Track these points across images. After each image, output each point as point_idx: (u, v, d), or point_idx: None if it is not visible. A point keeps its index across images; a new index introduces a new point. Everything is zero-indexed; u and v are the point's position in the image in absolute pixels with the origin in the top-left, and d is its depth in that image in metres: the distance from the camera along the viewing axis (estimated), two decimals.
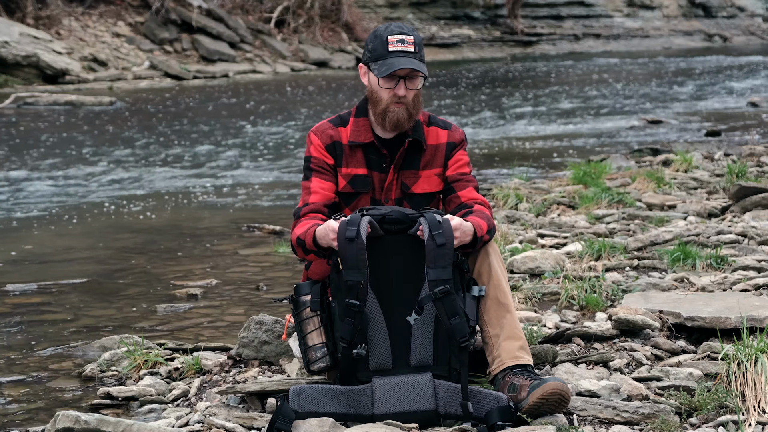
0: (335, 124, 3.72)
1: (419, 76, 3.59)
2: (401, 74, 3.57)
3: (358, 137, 3.67)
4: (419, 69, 3.55)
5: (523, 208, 7.59)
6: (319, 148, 3.67)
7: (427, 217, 3.39)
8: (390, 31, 3.59)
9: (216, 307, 5.68)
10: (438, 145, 3.71)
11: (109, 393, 3.92)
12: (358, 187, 3.67)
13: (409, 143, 3.66)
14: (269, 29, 30.37)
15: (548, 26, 39.00)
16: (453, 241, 3.36)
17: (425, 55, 3.65)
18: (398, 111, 3.59)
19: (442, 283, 3.34)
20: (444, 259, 3.34)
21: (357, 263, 3.35)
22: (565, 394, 3.32)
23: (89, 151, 13.50)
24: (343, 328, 3.39)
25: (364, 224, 3.38)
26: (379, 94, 3.61)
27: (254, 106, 19.56)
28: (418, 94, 3.63)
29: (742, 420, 3.24)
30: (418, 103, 3.63)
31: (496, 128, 15.56)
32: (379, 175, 3.68)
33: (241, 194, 10.15)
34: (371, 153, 3.68)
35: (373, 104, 3.64)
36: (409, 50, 3.56)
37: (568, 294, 4.79)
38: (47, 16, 26.38)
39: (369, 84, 3.64)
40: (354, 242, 3.34)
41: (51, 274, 6.57)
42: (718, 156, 10.39)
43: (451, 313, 3.35)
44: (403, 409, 3.36)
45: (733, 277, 5.06)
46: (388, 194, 3.68)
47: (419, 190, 3.69)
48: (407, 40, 3.57)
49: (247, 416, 3.47)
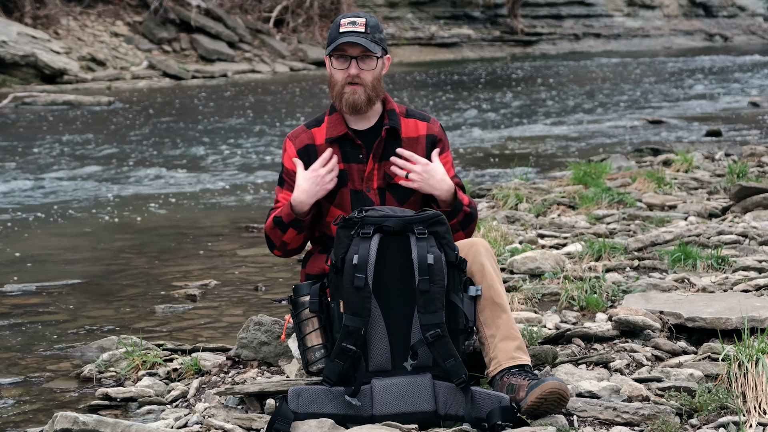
0: (309, 127, 3.75)
1: (372, 56, 3.61)
2: (353, 54, 3.60)
3: (332, 132, 3.69)
4: (367, 46, 3.56)
5: (523, 208, 7.57)
6: (292, 156, 3.69)
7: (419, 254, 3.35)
8: (344, 15, 3.65)
9: (215, 307, 5.66)
10: (418, 137, 3.72)
11: (108, 394, 3.91)
12: (337, 182, 3.66)
13: (387, 132, 3.67)
14: (268, 29, 30.37)
15: (548, 26, 39.00)
16: (444, 285, 3.35)
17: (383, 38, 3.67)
18: (353, 91, 3.61)
19: (433, 328, 3.33)
20: (434, 304, 3.34)
21: (361, 311, 3.35)
22: (564, 394, 3.31)
23: (87, 151, 13.49)
24: (330, 368, 3.37)
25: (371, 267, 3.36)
26: (334, 77, 3.64)
27: (253, 106, 19.55)
28: (377, 76, 3.64)
29: (743, 421, 3.23)
30: (377, 87, 3.65)
31: (496, 128, 15.55)
32: (357, 166, 3.68)
33: (240, 194, 10.13)
34: (346, 146, 3.69)
35: (331, 88, 3.67)
36: (359, 30, 3.59)
37: (568, 294, 4.78)
38: (45, 15, 26.38)
39: (328, 70, 3.68)
40: (361, 292, 3.34)
41: (49, 275, 6.55)
42: (718, 156, 10.37)
43: (445, 356, 3.34)
44: (402, 410, 3.35)
45: (734, 277, 5.05)
46: (369, 183, 3.68)
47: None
48: (358, 21, 3.61)
49: (246, 417, 3.46)
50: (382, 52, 3.66)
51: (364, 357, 3.41)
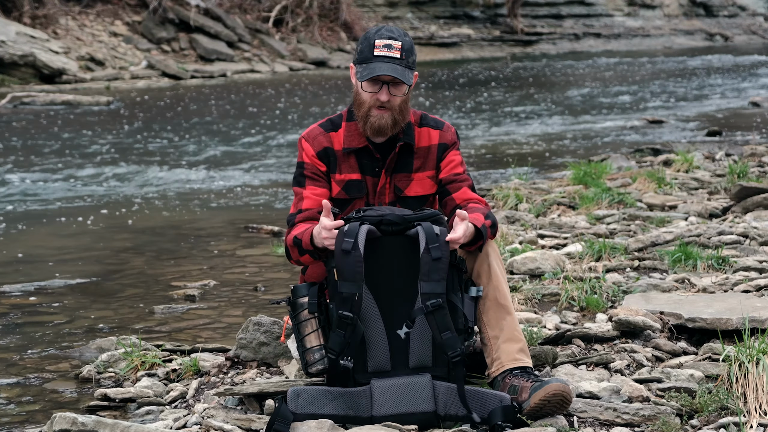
0: (326, 129, 3.69)
1: (404, 84, 3.55)
2: (385, 80, 3.54)
3: (351, 143, 3.64)
4: (401, 77, 3.50)
5: (523, 208, 7.56)
6: (312, 156, 3.65)
7: (425, 226, 3.36)
8: (379, 35, 3.56)
9: (214, 308, 5.65)
10: (430, 147, 3.68)
11: (107, 395, 3.89)
12: (352, 193, 3.65)
13: (400, 147, 3.64)
14: (267, 28, 30.36)
15: (548, 25, 39.00)
16: (448, 255, 3.34)
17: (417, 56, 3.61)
18: (380, 116, 3.55)
19: (434, 297, 3.32)
20: (438, 273, 3.33)
21: (353, 276, 3.33)
22: (567, 396, 3.30)
23: (86, 151, 13.47)
24: (333, 339, 3.37)
25: (362, 234, 3.35)
26: (362, 97, 3.58)
27: (252, 105, 19.53)
28: (405, 100, 3.59)
29: (743, 422, 3.22)
30: (405, 110, 3.60)
31: (496, 128, 15.54)
32: (372, 179, 3.66)
33: (239, 195, 10.12)
34: (364, 158, 3.66)
35: (357, 106, 3.62)
36: (395, 56, 3.52)
37: (569, 295, 4.78)
38: (44, 15, 26.34)
39: (354, 85, 3.62)
40: (350, 254, 3.32)
41: (48, 275, 6.54)
42: (719, 156, 10.36)
43: (442, 327, 3.33)
44: (402, 410, 3.34)
45: (735, 278, 5.05)
46: (381, 198, 3.66)
47: (412, 193, 3.67)
48: (394, 45, 3.53)
49: (245, 418, 3.46)
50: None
51: (363, 358, 3.40)
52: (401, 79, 3.51)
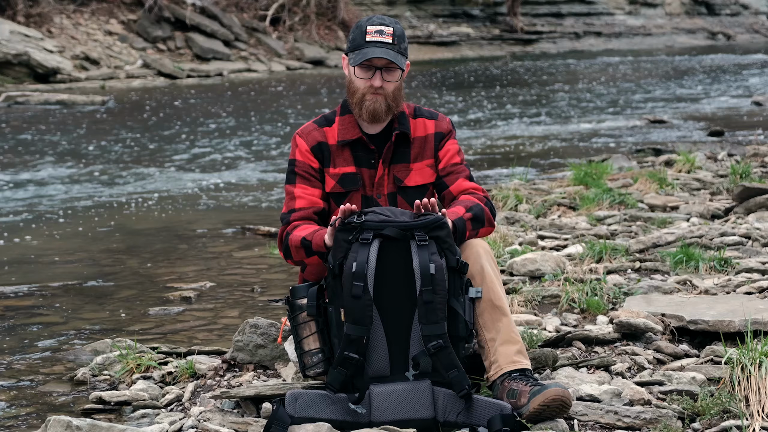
0: (320, 125, 3.69)
1: (397, 69, 3.56)
2: (378, 65, 3.56)
3: (345, 135, 3.64)
4: (394, 60, 3.53)
5: (522, 209, 7.54)
6: (305, 152, 3.64)
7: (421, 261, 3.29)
8: (371, 22, 3.60)
9: (210, 309, 5.62)
10: (426, 136, 3.69)
11: (102, 398, 3.88)
12: (347, 186, 3.63)
13: (396, 136, 3.63)
14: (264, 27, 30.34)
15: (548, 24, 39.01)
16: (446, 294, 3.31)
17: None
18: (375, 100, 3.57)
19: (435, 339, 3.29)
20: (436, 315, 3.30)
21: (363, 320, 3.31)
22: (566, 401, 3.27)
23: (80, 151, 13.43)
24: (333, 376, 3.34)
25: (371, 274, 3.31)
26: (355, 84, 3.60)
27: (249, 105, 19.52)
28: (398, 86, 3.61)
29: (745, 425, 3.20)
30: (398, 96, 3.62)
31: (496, 128, 15.52)
32: (369, 171, 3.64)
33: (235, 195, 10.08)
34: (359, 150, 3.65)
35: (350, 94, 3.63)
36: (387, 41, 3.55)
37: (569, 297, 4.75)
38: (38, 13, 26.29)
39: (348, 74, 3.64)
40: (361, 299, 3.30)
41: (42, 276, 6.50)
42: (721, 156, 10.35)
43: (448, 366, 3.30)
44: (401, 417, 3.30)
45: (737, 279, 5.03)
46: (379, 189, 3.64)
47: (412, 183, 3.66)
48: (386, 31, 3.56)
49: (242, 421, 3.44)
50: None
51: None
52: (395, 62, 3.53)
